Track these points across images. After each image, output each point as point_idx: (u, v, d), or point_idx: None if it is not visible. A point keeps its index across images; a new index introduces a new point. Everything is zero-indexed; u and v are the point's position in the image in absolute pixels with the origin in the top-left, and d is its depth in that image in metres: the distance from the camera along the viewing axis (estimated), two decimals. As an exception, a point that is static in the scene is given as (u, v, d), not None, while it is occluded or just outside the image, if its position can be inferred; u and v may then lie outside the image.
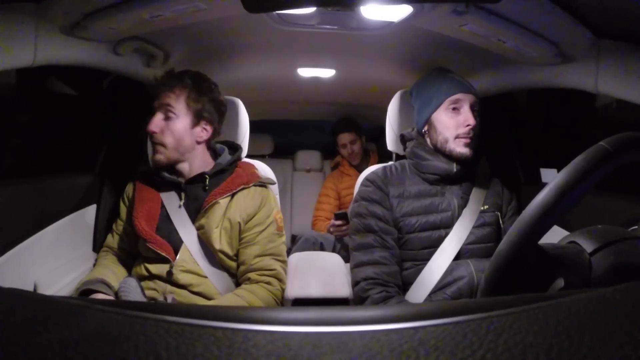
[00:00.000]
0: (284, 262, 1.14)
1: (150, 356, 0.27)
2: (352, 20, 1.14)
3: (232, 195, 1.08)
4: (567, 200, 0.49)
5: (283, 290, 1.11)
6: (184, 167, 1.10)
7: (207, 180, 1.09)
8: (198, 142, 1.10)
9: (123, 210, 1.16)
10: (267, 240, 1.10)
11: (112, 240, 1.17)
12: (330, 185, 2.28)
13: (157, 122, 1.05)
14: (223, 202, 1.07)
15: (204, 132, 1.10)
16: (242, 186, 1.09)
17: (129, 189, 1.17)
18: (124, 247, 1.16)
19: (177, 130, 1.06)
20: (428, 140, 1.12)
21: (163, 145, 1.05)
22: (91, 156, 1.37)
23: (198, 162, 1.11)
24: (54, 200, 1.15)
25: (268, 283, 1.07)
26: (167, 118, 1.05)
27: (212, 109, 1.10)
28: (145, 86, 1.10)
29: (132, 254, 1.14)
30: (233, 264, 1.10)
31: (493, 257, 0.54)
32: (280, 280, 1.10)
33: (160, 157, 1.06)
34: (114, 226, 1.18)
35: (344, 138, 2.27)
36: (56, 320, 0.32)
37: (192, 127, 1.08)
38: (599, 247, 0.55)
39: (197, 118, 1.08)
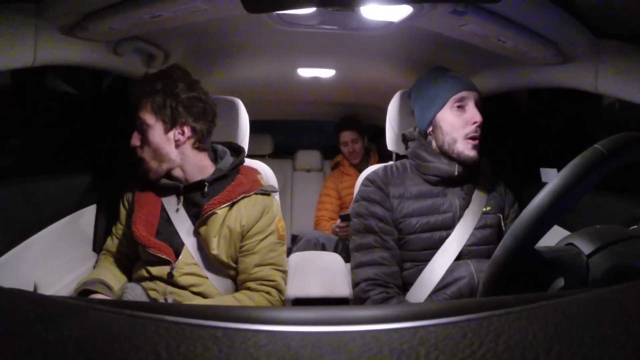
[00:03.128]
0: (284, 272, 1.11)
1: (150, 356, 0.27)
2: (352, 21, 1.14)
3: (232, 204, 1.06)
4: (563, 205, 0.49)
5: (282, 301, 1.09)
6: (177, 172, 1.07)
7: (206, 187, 1.07)
8: (177, 146, 1.05)
9: (122, 214, 1.15)
10: (267, 250, 1.07)
11: (112, 243, 1.16)
12: (331, 185, 2.29)
13: (135, 136, 1.04)
14: (222, 212, 1.04)
15: (180, 135, 1.04)
16: (243, 195, 1.07)
17: (128, 192, 1.15)
18: (123, 250, 1.15)
19: (152, 140, 1.03)
20: (433, 142, 1.11)
21: (143, 159, 1.05)
22: (91, 156, 1.37)
23: (191, 166, 1.07)
24: (53, 201, 1.14)
25: (267, 293, 1.05)
26: (141, 131, 1.04)
27: (183, 110, 1.03)
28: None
29: (132, 258, 1.14)
30: (232, 272, 1.09)
31: (490, 263, 0.54)
32: (280, 291, 1.08)
33: (152, 173, 1.06)
34: (113, 229, 1.17)
35: (346, 136, 2.28)
36: (56, 320, 0.32)
37: (165, 133, 1.04)
38: (596, 249, 0.54)
39: (169, 123, 1.03)
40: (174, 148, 1.04)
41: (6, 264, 0.93)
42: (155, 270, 1.04)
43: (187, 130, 1.05)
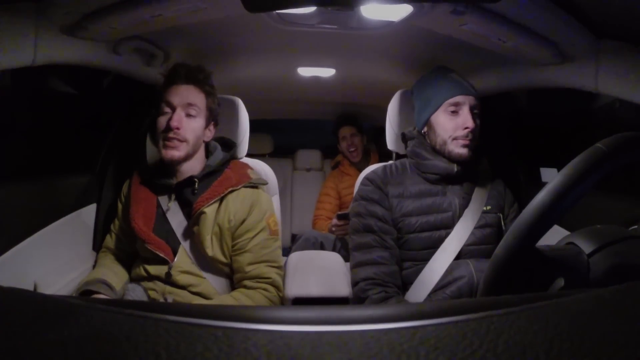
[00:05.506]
0: (279, 268, 1.11)
1: (150, 356, 0.27)
2: (352, 20, 1.14)
3: (221, 200, 1.05)
4: (565, 203, 0.49)
5: (280, 297, 1.09)
6: (185, 166, 1.07)
7: (196, 184, 1.06)
8: (204, 142, 1.11)
9: (120, 209, 1.16)
10: (260, 247, 1.07)
11: (111, 240, 1.16)
12: (331, 184, 2.28)
13: (179, 118, 1.03)
14: (211, 210, 1.04)
15: (209, 132, 1.11)
16: (230, 189, 1.06)
17: (126, 188, 1.16)
18: (123, 247, 1.15)
19: (197, 128, 1.06)
20: (428, 141, 1.12)
21: (184, 140, 1.03)
22: (91, 156, 1.37)
23: (197, 161, 1.10)
24: (54, 200, 1.14)
25: (264, 289, 1.05)
26: (188, 115, 1.05)
27: (217, 110, 1.13)
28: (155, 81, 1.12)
29: (131, 254, 1.14)
30: (228, 269, 1.09)
31: (491, 260, 0.54)
32: (276, 287, 1.08)
33: (178, 153, 1.03)
34: (112, 226, 1.18)
35: (345, 131, 2.28)
36: (56, 320, 0.32)
37: (205, 127, 1.09)
38: (597, 248, 0.54)
39: (209, 119, 1.09)
40: (202, 142, 1.10)
41: (6, 263, 0.93)
42: (153, 269, 1.04)
43: (212, 130, 1.13)
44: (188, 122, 1.04)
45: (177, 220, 1.07)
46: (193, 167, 1.09)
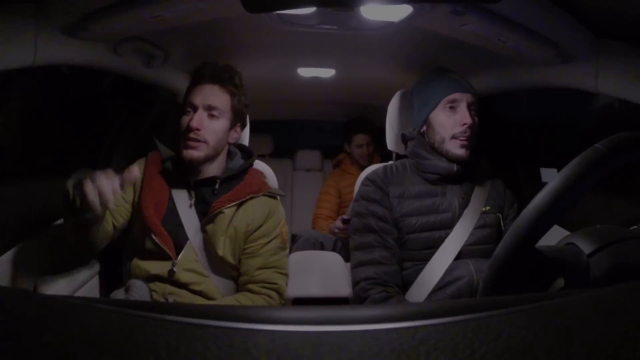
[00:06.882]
0: (286, 275, 1.11)
1: (150, 356, 0.27)
2: (352, 20, 1.14)
3: (240, 204, 1.06)
4: (564, 204, 0.49)
5: (282, 304, 1.09)
6: (207, 166, 1.07)
7: (217, 184, 1.07)
8: (228, 143, 1.11)
9: (129, 188, 1.07)
10: (270, 253, 1.07)
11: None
12: (332, 183, 2.28)
13: (200, 119, 1.02)
14: (229, 211, 1.04)
15: (235, 134, 1.11)
16: (250, 195, 1.07)
17: (141, 167, 1.09)
18: (117, 216, 1.06)
19: (219, 130, 1.05)
20: (427, 140, 1.13)
21: (205, 142, 1.03)
22: (91, 156, 1.37)
23: (219, 162, 1.10)
24: (54, 200, 1.14)
25: (268, 296, 1.05)
26: (210, 117, 1.04)
27: (245, 111, 1.12)
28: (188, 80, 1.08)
29: (115, 226, 1.05)
30: (235, 272, 1.09)
31: (490, 261, 0.54)
32: (280, 294, 1.08)
33: (197, 153, 1.02)
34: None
35: (362, 139, 2.24)
36: (56, 320, 0.32)
37: (229, 129, 1.08)
38: (597, 249, 0.54)
39: (234, 120, 1.09)
40: (226, 143, 1.10)
41: (6, 264, 0.93)
42: (154, 267, 1.02)
43: (239, 131, 1.12)
44: (210, 123, 1.04)
45: (190, 216, 1.06)
46: (214, 168, 1.09)
